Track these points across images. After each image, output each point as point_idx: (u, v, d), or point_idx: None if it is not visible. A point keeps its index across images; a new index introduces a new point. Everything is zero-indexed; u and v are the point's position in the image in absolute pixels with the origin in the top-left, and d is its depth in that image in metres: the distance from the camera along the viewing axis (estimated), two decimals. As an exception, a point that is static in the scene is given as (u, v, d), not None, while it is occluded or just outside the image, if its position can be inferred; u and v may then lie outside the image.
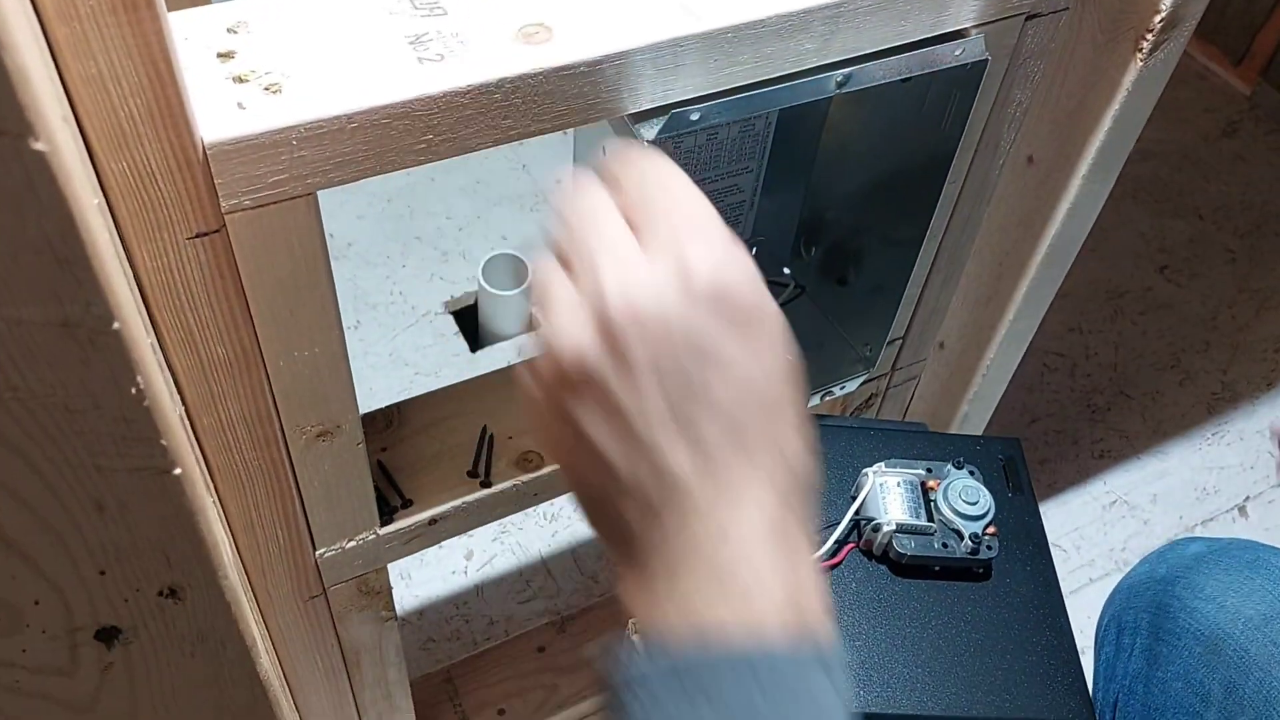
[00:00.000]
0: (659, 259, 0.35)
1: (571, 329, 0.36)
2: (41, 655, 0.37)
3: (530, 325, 0.39)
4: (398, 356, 1.48)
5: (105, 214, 0.38)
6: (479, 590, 1.26)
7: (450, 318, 1.56)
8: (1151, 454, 1.50)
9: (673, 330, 0.34)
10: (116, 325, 0.28)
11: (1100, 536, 1.39)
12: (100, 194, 0.41)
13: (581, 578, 1.27)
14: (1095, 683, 0.75)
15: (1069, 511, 1.43)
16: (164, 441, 0.32)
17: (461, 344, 1.52)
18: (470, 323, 1.56)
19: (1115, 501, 1.44)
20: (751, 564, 0.34)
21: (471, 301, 1.58)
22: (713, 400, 0.34)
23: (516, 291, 1.46)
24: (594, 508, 0.37)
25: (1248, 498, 1.46)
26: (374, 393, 1.43)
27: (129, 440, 0.31)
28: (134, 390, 0.30)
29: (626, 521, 0.35)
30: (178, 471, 0.33)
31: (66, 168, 0.25)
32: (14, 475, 0.30)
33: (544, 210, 1.68)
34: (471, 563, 1.28)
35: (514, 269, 1.48)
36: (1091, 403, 1.55)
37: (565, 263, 0.38)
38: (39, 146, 0.24)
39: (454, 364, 1.48)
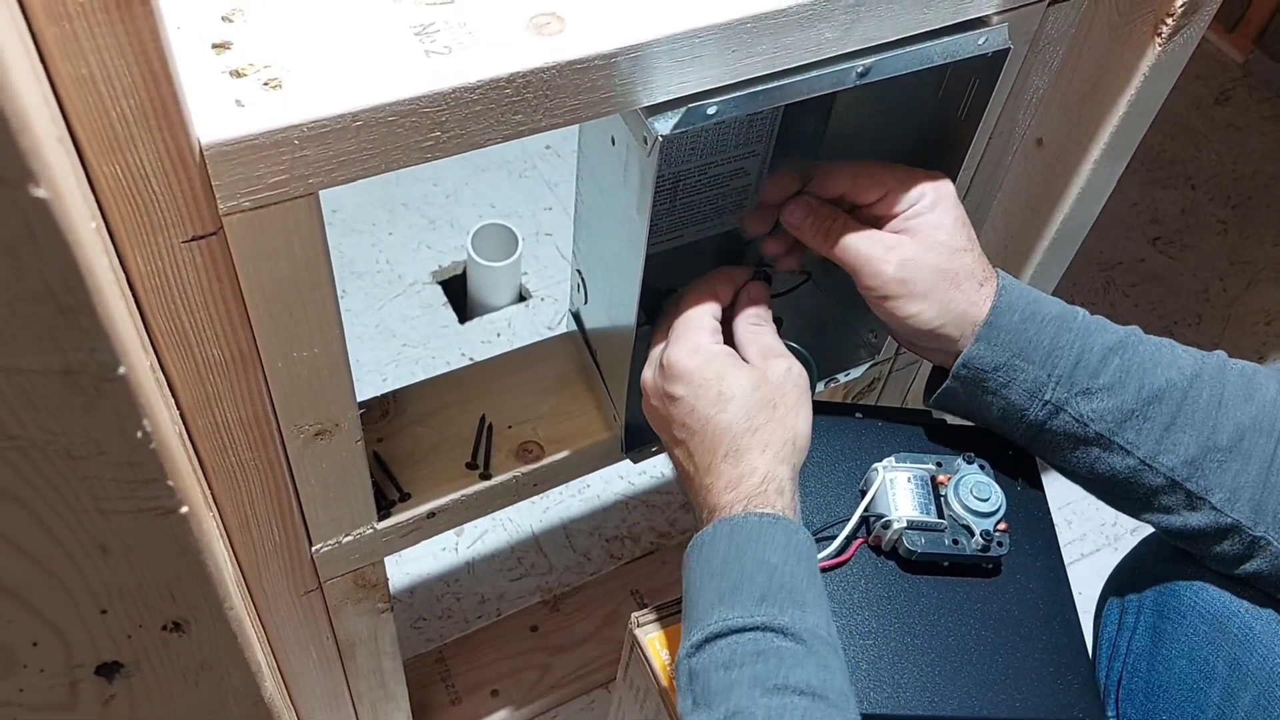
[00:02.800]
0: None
1: (647, 370, 0.67)
2: (40, 693, 0.35)
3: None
4: (385, 327, 1.46)
5: (101, 231, 0.36)
6: (470, 567, 1.24)
7: (438, 288, 1.54)
8: (1142, 428, 1.49)
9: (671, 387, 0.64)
10: (122, 370, 0.26)
11: (1092, 512, 1.39)
12: (94, 204, 0.39)
13: (574, 555, 1.26)
14: (1097, 660, 0.75)
15: (1061, 486, 1.42)
16: (171, 482, 0.30)
17: (450, 314, 1.51)
18: (458, 293, 1.54)
19: (1106, 476, 1.44)
20: (721, 493, 0.60)
21: (460, 271, 1.56)
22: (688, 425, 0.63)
23: (506, 263, 1.44)
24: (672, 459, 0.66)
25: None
26: (361, 364, 1.40)
27: (134, 483, 0.29)
28: (140, 434, 0.28)
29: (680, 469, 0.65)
30: (185, 510, 0.32)
31: (69, 213, 0.23)
32: (12, 524, 0.28)
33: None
34: (462, 539, 1.27)
35: (503, 239, 1.46)
36: (1083, 376, 1.54)
37: (662, 335, 0.67)
38: (40, 194, 0.21)
39: (442, 335, 1.46)
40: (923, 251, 0.63)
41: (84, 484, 0.29)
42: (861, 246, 0.64)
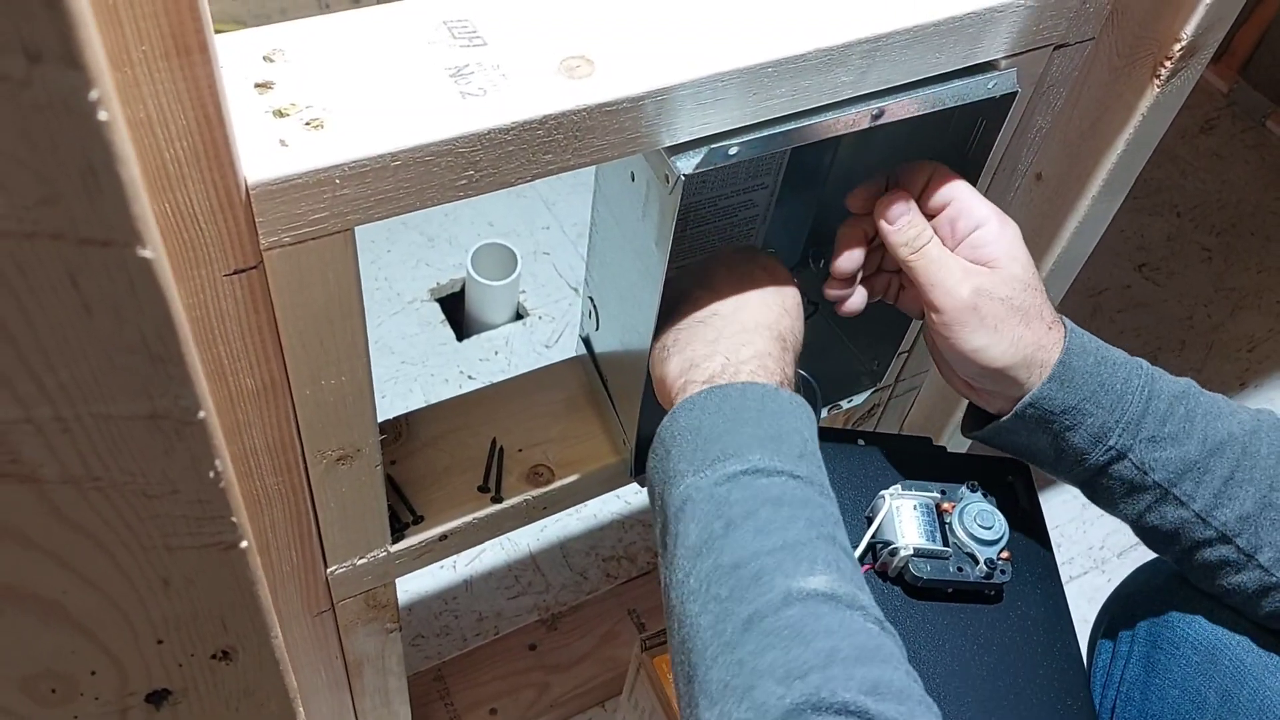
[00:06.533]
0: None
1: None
2: None
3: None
4: (383, 344, 1.47)
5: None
6: (468, 585, 1.25)
7: (436, 305, 1.56)
8: (1129, 451, 1.52)
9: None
10: (202, 414, 0.27)
11: (1079, 535, 1.42)
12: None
13: (571, 574, 1.27)
14: (1091, 688, 0.77)
15: (1048, 510, 1.42)
16: (235, 519, 0.31)
17: (448, 332, 1.52)
18: (457, 311, 1.55)
19: (1094, 499, 1.46)
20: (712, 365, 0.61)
21: (458, 289, 1.57)
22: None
23: (505, 281, 1.45)
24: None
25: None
26: (359, 382, 1.41)
27: (202, 520, 0.31)
28: (212, 474, 0.29)
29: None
30: (245, 544, 0.33)
31: (166, 269, 0.24)
32: (86, 560, 0.29)
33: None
34: (460, 558, 1.27)
35: (503, 258, 1.47)
36: (1071, 399, 1.56)
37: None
38: (145, 254, 0.23)
39: (440, 353, 1.47)
40: (998, 284, 0.61)
41: (155, 522, 0.30)
42: (940, 266, 0.62)
